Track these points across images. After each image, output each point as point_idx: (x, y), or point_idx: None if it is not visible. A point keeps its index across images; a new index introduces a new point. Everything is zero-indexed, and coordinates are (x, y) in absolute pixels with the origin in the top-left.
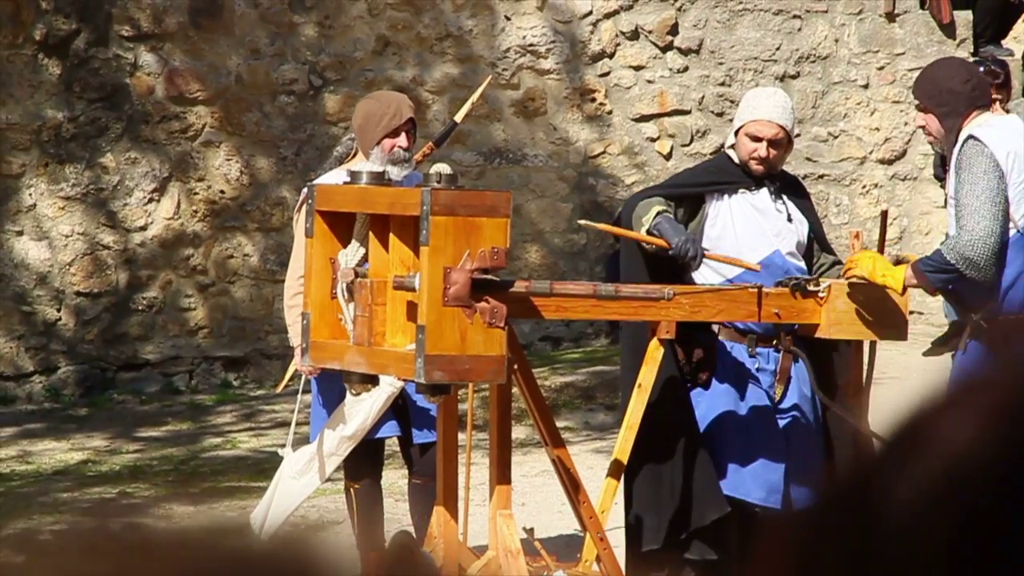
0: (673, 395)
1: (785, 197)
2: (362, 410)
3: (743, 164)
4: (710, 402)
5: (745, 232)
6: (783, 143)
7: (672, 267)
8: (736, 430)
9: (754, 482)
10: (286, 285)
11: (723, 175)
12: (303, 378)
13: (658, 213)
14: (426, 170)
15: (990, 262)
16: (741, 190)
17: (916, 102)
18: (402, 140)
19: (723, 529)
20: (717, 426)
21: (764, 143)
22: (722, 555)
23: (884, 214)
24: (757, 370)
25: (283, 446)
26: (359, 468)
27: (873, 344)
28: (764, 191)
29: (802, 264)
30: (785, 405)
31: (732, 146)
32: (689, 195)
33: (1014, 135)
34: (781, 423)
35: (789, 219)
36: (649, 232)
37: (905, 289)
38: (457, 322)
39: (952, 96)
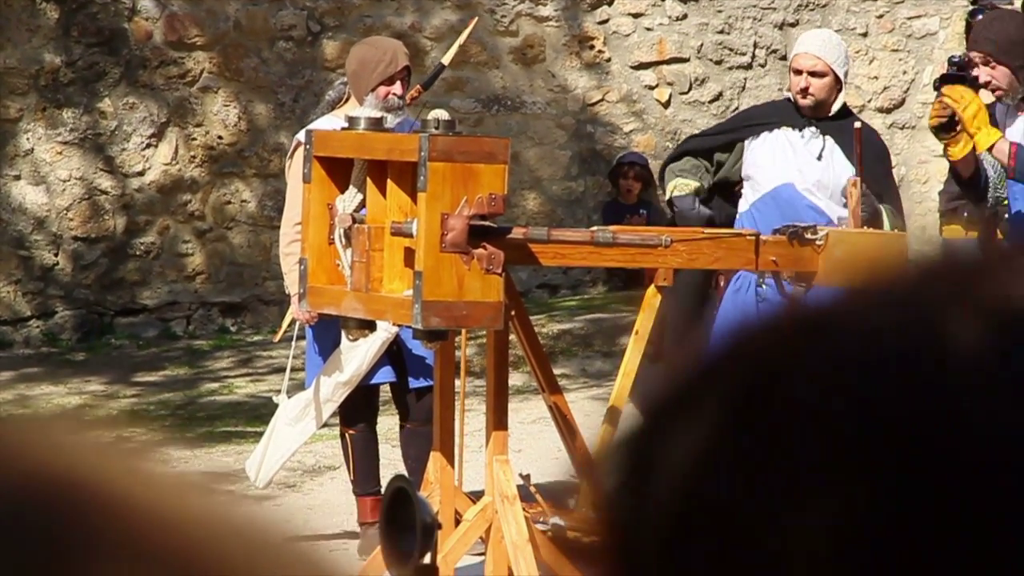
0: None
1: (831, 139)
2: (357, 356)
3: (795, 102)
4: (714, 328)
5: (765, 162)
6: (824, 75)
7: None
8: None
9: None
10: (281, 232)
11: (769, 116)
12: (298, 324)
13: (690, 186)
14: (424, 116)
15: None
16: (784, 127)
17: (977, 56)
18: (397, 88)
19: None
20: None
21: (804, 75)
22: None
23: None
24: (761, 302)
25: (279, 392)
26: (355, 414)
27: None
28: (807, 130)
29: (817, 202)
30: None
31: (789, 87)
32: (722, 144)
33: None
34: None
35: (819, 157)
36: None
37: (990, 149)
38: (455, 268)
39: None
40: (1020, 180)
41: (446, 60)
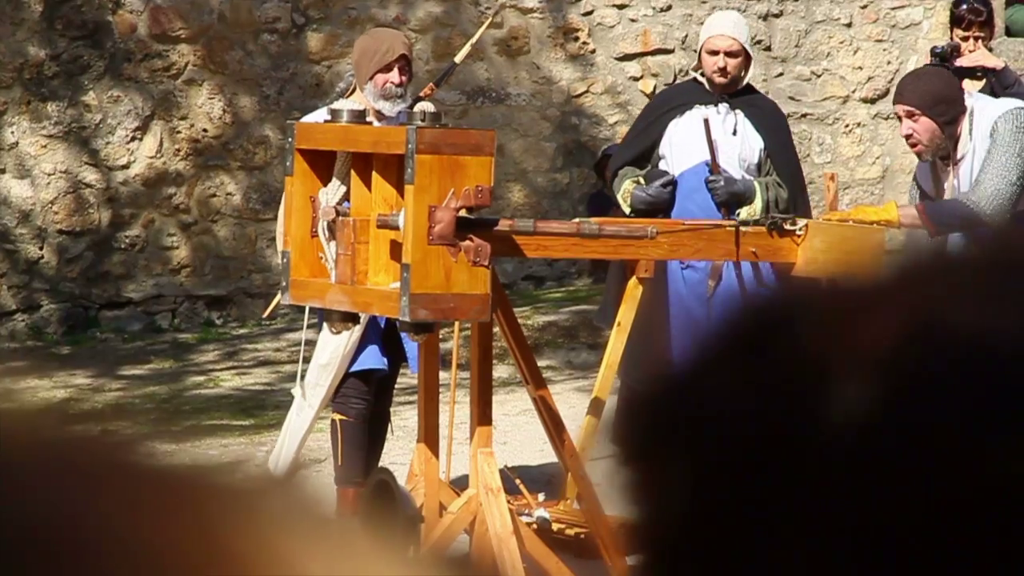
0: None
1: (742, 114)
2: (334, 339)
3: (709, 80)
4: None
5: (682, 141)
6: (738, 54)
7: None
8: (659, 325)
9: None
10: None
11: (680, 98)
12: (307, 314)
13: (631, 185)
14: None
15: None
16: (697, 106)
17: (907, 110)
18: (394, 76)
19: None
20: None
21: (721, 55)
22: None
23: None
24: (685, 268)
25: (303, 378)
26: (345, 400)
27: None
28: (721, 107)
29: (735, 176)
30: (717, 300)
31: (696, 68)
32: (648, 147)
33: None
34: (715, 315)
35: (735, 132)
36: (634, 209)
37: (900, 225)
38: (442, 261)
39: (950, 105)
40: (944, 231)
41: (458, 59)
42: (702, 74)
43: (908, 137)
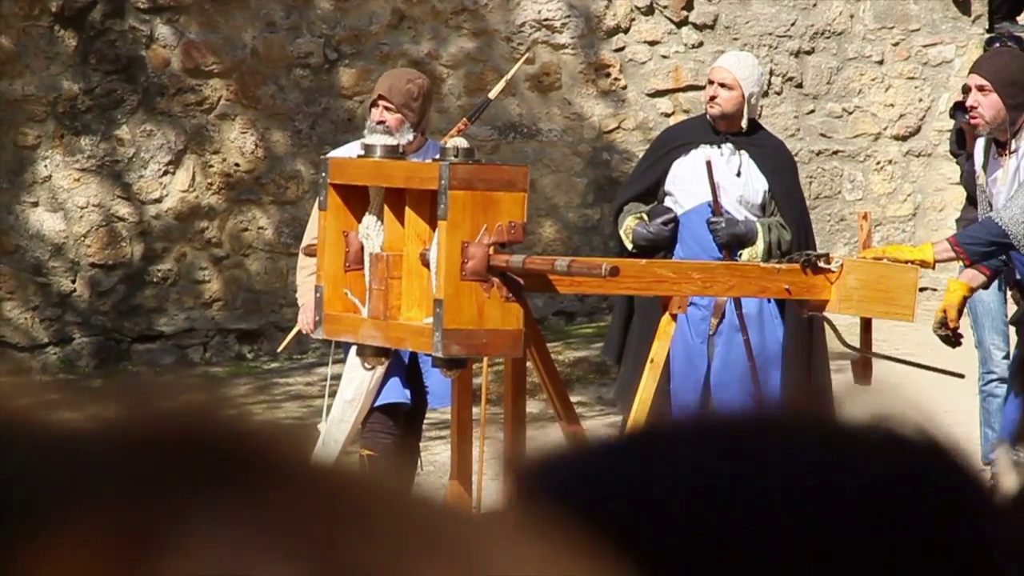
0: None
1: (747, 155)
2: (359, 374)
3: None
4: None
5: (685, 181)
6: (731, 88)
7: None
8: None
9: (673, 405)
10: (302, 246)
11: (685, 136)
12: (333, 349)
13: (633, 221)
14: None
15: None
16: (702, 145)
17: (979, 82)
18: (374, 113)
19: None
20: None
21: (715, 84)
22: None
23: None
24: (689, 305)
25: (327, 413)
26: (371, 435)
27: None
28: (726, 147)
29: (738, 217)
30: (719, 337)
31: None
32: (652, 184)
33: None
34: (717, 351)
35: (739, 174)
36: (636, 245)
37: (935, 264)
38: (474, 296)
39: (1022, 90)
40: (977, 260)
41: (492, 95)
42: None
43: (972, 108)
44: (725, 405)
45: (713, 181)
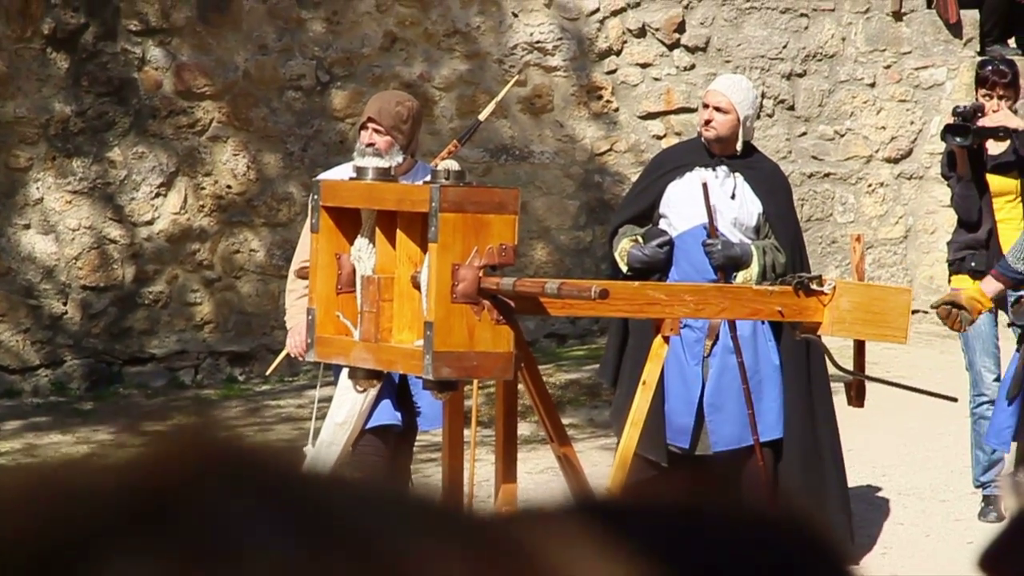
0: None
1: (742, 177)
2: (350, 397)
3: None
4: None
5: (680, 203)
6: (726, 112)
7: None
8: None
9: (668, 427)
10: (292, 268)
11: (680, 159)
12: (321, 371)
13: (628, 243)
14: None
15: None
16: (697, 168)
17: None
18: (364, 135)
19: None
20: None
21: (710, 108)
22: None
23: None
24: (683, 327)
25: (315, 437)
26: (362, 457)
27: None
28: (720, 170)
29: (733, 240)
30: (713, 359)
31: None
32: (647, 207)
33: None
34: (711, 373)
35: (733, 196)
36: (631, 267)
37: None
38: (465, 319)
39: None
40: (1019, 282)
41: (482, 117)
42: None
43: (995, 111)
44: (719, 427)
45: (709, 203)
